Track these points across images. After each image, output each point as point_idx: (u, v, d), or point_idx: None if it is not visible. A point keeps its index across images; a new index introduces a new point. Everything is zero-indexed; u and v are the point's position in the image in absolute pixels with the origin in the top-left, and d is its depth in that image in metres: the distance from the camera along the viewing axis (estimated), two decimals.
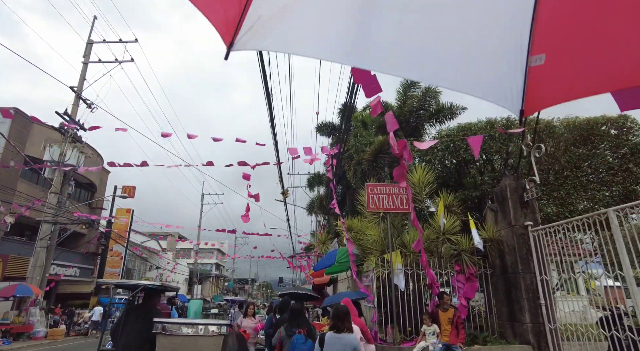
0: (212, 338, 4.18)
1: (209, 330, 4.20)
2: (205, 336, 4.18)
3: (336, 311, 3.97)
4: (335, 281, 13.97)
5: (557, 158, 8.05)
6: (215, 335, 4.20)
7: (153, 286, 4.53)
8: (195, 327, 4.17)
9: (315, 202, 18.97)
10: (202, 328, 4.20)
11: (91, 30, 23.24)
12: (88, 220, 20.36)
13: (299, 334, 4.56)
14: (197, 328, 4.19)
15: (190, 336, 4.15)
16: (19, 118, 23.12)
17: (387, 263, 7.58)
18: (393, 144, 4.82)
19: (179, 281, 45.66)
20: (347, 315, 3.94)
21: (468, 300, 7.40)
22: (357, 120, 14.00)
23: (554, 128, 8.18)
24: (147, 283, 4.47)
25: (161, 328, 4.10)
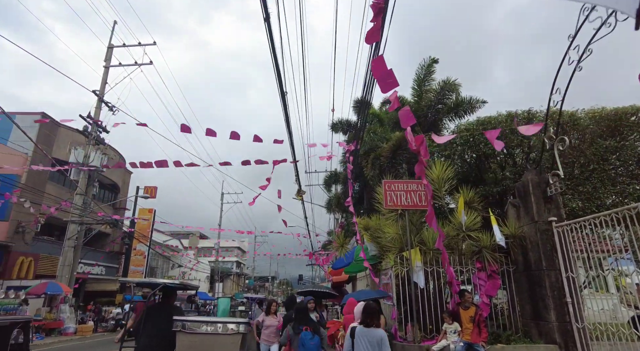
0: (230, 336, 4.22)
1: (228, 328, 4.23)
2: (224, 334, 4.21)
3: (367, 309, 4.24)
4: (354, 278, 13.94)
5: (582, 151, 7.74)
6: (234, 333, 4.23)
7: (172, 285, 4.61)
8: (214, 325, 4.21)
9: (333, 200, 18.93)
10: (221, 326, 4.24)
11: (111, 35, 23.82)
12: (112, 220, 20.95)
13: (306, 331, 4.88)
14: (216, 326, 4.23)
15: (210, 334, 4.19)
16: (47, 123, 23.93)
17: (406, 260, 7.48)
18: (410, 140, 4.72)
19: (201, 279, 46.52)
20: (376, 313, 4.20)
21: (490, 298, 7.22)
22: (373, 117, 13.86)
23: (579, 120, 7.87)
24: (167, 282, 4.55)
25: (181, 326, 4.16)
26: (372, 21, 4.35)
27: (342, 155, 16.85)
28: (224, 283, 50.37)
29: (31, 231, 21.21)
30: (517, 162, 8.57)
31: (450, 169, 7.84)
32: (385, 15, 5.05)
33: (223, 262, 53.85)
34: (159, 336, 4.27)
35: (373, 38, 4.50)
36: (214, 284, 44.48)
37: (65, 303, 18.88)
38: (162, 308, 4.82)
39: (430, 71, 10.60)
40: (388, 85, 4.09)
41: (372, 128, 13.40)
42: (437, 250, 7.47)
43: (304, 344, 4.76)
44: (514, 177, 8.10)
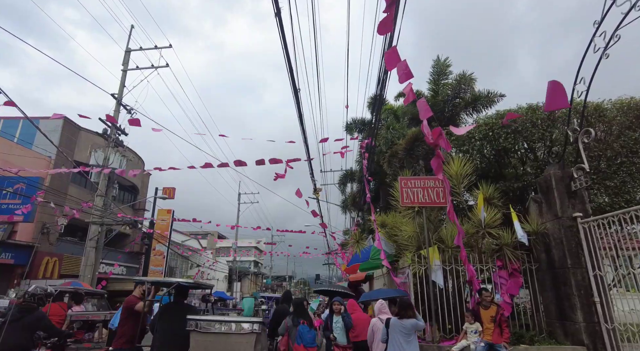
0: (244, 336, 4.16)
1: (242, 328, 4.17)
2: (238, 333, 4.16)
3: (401, 302, 5.10)
4: (371, 278, 13.78)
5: (609, 144, 7.39)
6: (248, 333, 4.17)
7: (186, 284, 4.58)
8: (228, 325, 4.16)
9: (348, 199, 18.79)
10: (235, 326, 4.18)
11: (129, 39, 24.25)
12: (131, 221, 21.35)
13: (303, 324, 5.42)
14: (230, 326, 4.17)
15: (223, 334, 4.14)
16: (67, 126, 24.62)
17: (424, 259, 7.31)
18: (427, 133, 4.55)
19: (219, 278, 47.05)
20: (410, 306, 4.99)
21: (512, 297, 6.98)
22: (388, 113, 13.66)
23: (605, 111, 7.51)
24: (181, 281, 4.53)
25: (195, 325, 4.12)
26: (384, 11, 4.22)
27: (358, 154, 16.71)
28: (241, 283, 50.83)
29: (55, 232, 21.84)
30: (539, 156, 8.27)
31: (469, 165, 7.62)
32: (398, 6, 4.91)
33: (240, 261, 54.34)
34: (173, 336, 4.25)
35: (386, 29, 4.37)
36: (232, 284, 44.88)
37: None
38: (176, 307, 4.81)
39: (447, 65, 10.33)
40: (403, 76, 3.97)
41: (388, 124, 13.21)
42: (456, 248, 7.28)
43: (302, 336, 5.27)
44: (535, 172, 7.81)
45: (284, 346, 5.64)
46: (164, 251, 31.19)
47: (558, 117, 7.92)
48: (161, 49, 24.42)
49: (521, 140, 7.80)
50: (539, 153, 8.18)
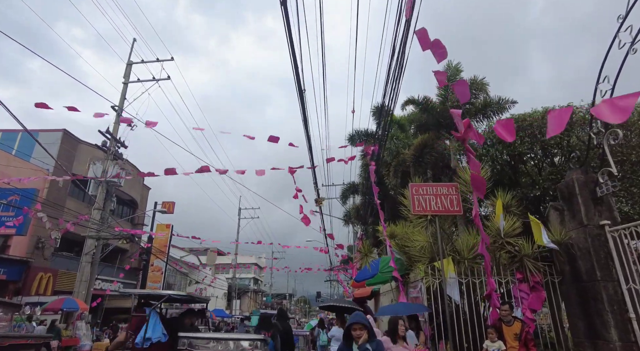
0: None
1: (242, 346, 3.66)
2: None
3: None
4: (377, 294, 13.13)
5: (632, 148, 6.98)
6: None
7: (178, 296, 4.09)
8: (225, 343, 3.65)
9: (351, 212, 18.27)
10: (233, 345, 3.67)
11: (131, 51, 24.23)
12: (128, 235, 20.78)
13: (265, 335, 5.52)
14: (227, 345, 3.66)
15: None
16: (66, 138, 24.37)
17: (438, 271, 6.79)
18: (457, 123, 4.10)
19: (218, 296, 45.96)
20: None
21: (534, 312, 6.43)
22: (393, 123, 13.32)
23: None
24: (172, 293, 4.05)
25: (187, 343, 3.61)
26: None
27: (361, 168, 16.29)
28: (241, 300, 49.66)
29: (50, 247, 21.26)
30: (556, 162, 7.85)
31: (484, 170, 7.18)
32: None
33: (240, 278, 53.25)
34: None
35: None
36: (232, 301, 43.80)
37: (82, 320, 18.59)
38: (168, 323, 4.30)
39: (458, 70, 10.02)
40: (439, 56, 3.64)
41: (393, 134, 12.84)
42: (472, 260, 6.78)
43: None
44: (555, 177, 7.37)
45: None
46: (162, 267, 30.44)
47: (575, 122, 7.53)
48: (163, 61, 24.36)
49: (537, 145, 7.39)
50: (556, 159, 7.77)
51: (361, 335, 3.42)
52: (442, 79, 4.16)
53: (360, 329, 3.45)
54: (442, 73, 4.15)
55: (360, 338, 3.40)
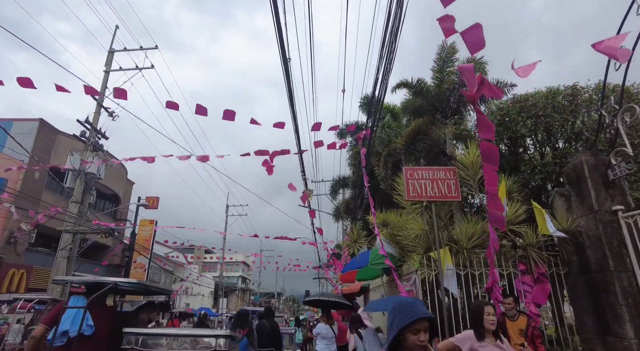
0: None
1: (201, 344, 2.99)
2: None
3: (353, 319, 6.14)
4: (366, 290, 12.53)
5: None
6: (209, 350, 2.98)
7: (127, 284, 3.38)
8: (181, 340, 2.97)
9: (341, 206, 17.65)
10: (190, 342, 2.99)
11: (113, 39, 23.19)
12: (107, 229, 19.84)
13: (239, 333, 5.67)
14: (183, 342, 2.98)
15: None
16: (43, 129, 23.28)
17: (434, 262, 6.20)
18: (468, 79, 3.42)
19: (205, 294, 45.01)
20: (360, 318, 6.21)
21: (538, 307, 5.87)
22: (386, 111, 12.73)
23: (636, 95, 6.64)
24: (118, 280, 3.35)
25: (134, 341, 2.91)
26: None
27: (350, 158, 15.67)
28: (228, 299, 48.75)
29: (24, 242, 20.19)
30: (558, 147, 7.32)
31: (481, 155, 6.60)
32: None
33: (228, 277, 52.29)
34: None
35: None
36: (218, 300, 42.89)
37: None
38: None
39: (453, 50, 9.43)
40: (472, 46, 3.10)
41: (385, 123, 12.24)
42: (471, 249, 6.19)
43: None
44: (560, 161, 6.84)
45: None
46: (145, 263, 29.45)
47: (581, 104, 7.00)
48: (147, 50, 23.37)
49: (542, 126, 6.84)
50: (560, 141, 7.24)
51: None
52: (448, 27, 3.50)
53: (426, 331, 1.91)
54: (449, 19, 3.47)
55: None
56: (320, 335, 6.79)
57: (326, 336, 6.74)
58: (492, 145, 3.93)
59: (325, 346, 6.71)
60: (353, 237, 7.61)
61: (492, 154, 3.93)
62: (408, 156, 8.81)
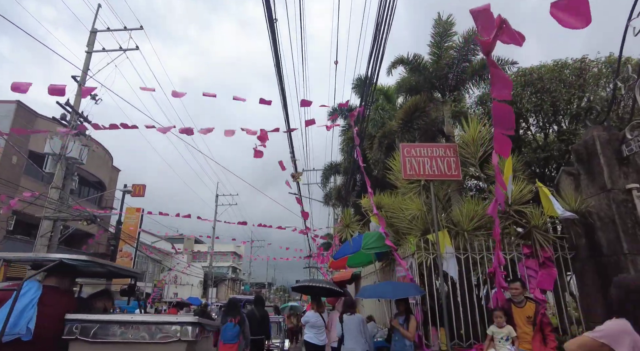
0: (166, 347, 2.43)
1: (162, 334, 2.45)
2: (155, 343, 2.43)
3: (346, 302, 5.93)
4: (357, 278, 12.11)
5: None
6: (173, 341, 2.45)
7: (76, 261, 2.84)
8: (136, 329, 2.43)
9: (332, 193, 17.17)
10: (149, 331, 2.45)
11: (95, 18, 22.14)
12: (90, 216, 19.10)
13: (230, 322, 6.09)
14: (140, 331, 2.44)
15: (130, 344, 2.40)
16: (21, 111, 22.28)
17: (432, 246, 5.74)
18: (482, 22, 2.87)
19: (194, 284, 44.51)
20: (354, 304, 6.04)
21: (544, 293, 5.46)
22: (378, 93, 12.20)
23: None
24: (65, 257, 2.80)
25: (79, 330, 2.37)
26: None
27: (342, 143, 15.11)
28: (218, 289, 48.33)
29: (2, 229, 19.38)
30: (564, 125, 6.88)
31: (487, 128, 6.13)
32: None
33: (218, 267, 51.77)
34: None
35: None
36: (207, 289, 42.43)
37: None
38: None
39: (450, 24, 8.84)
40: None
41: (379, 105, 11.70)
42: (472, 232, 5.75)
43: (224, 333, 6.02)
44: (567, 138, 6.40)
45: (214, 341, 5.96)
46: (131, 252, 28.76)
47: (589, 78, 6.54)
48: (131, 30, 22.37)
49: (547, 102, 6.38)
50: (566, 119, 6.80)
51: None
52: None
53: None
54: None
55: None
56: (309, 323, 6.33)
57: (315, 324, 6.28)
58: (506, 105, 3.41)
59: (314, 335, 6.25)
60: (345, 222, 7.12)
61: (506, 115, 3.41)
62: (404, 136, 8.32)
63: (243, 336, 6.23)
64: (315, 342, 6.23)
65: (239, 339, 6.05)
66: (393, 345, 5.05)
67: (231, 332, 6.02)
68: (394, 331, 5.10)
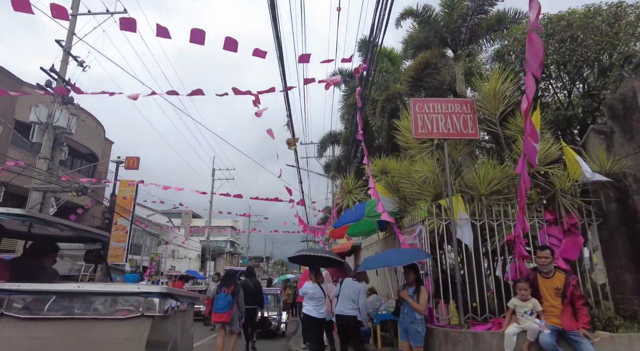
0: (125, 324, 1.84)
1: (119, 307, 1.86)
2: (110, 319, 1.84)
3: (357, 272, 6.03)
4: (357, 249, 11.68)
5: None
6: (134, 317, 1.86)
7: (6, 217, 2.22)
8: (90, 301, 1.83)
9: (332, 163, 16.53)
10: (109, 302, 1.86)
11: None
12: (81, 187, 18.49)
13: (223, 292, 6.36)
14: (94, 303, 1.84)
15: (76, 321, 1.81)
16: (5, 79, 21.20)
17: (445, 211, 5.18)
18: None
19: (192, 257, 44.56)
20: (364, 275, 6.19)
21: (569, 263, 4.94)
22: (383, 56, 11.37)
23: None
24: None
25: (5, 303, 1.77)
26: None
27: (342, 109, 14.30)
28: (216, 262, 48.53)
29: None
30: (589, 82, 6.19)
31: (509, 82, 5.43)
32: None
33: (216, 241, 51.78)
34: None
35: None
36: (205, 263, 42.52)
37: None
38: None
39: None
40: None
41: (383, 67, 10.89)
42: (490, 196, 5.17)
43: (217, 301, 6.38)
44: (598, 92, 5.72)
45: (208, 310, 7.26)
46: (126, 225, 28.36)
47: (626, 26, 5.80)
48: None
49: (578, 50, 5.65)
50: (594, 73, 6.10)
51: None
52: None
53: None
54: None
55: None
56: (307, 295, 5.84)
57: (314, 296, 5.79)
58: (538, 37, 2.90)
59: (314, 307, 5.78)
60: (347, 188, 6.53)
61: (537, 50, 2.88)
62: (413, 94, 7.59)
63: (237, 306, 6.47)
64: (314, 315, 5.77)
65: (230, 309, 6.29)
66: (402, 318, 4.56)
67: (222, 302, 6.30)
68: (403, 304, 4.60)
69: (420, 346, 4.38)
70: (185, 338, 2.44)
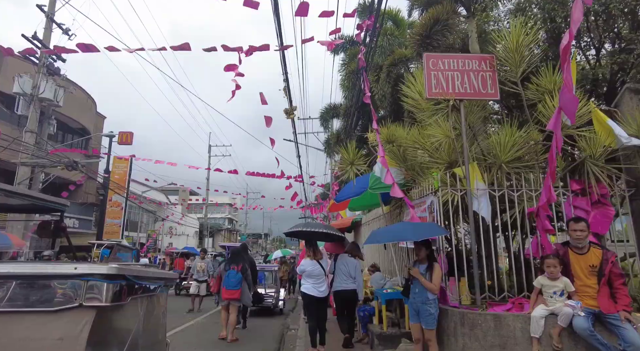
0: (55, 320, 1.27)
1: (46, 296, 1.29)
2: (37, 311, 1.26)
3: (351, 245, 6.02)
4: (357, 224, 11.23)
5: None
6: (70, 308, 1.29)
7: None
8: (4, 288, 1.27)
9: (332, 137, 15.88)
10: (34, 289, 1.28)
11: None
12: (71, 162, 17.85)
13: (233, 270, 6.71)
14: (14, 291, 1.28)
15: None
16: None
17: (460, 181, 4.65)
18: None
19: (189, 234, 44.42)
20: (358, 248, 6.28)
21: (598, 238, 4.46)
22: (387, 18, 10.57)
23: None
24: None
25: None
26: None
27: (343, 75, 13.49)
28: (214, 239, 48.53)
29: None
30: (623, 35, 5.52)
31: (532, 35, 4.78)
32: None
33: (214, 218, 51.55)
34: None
35: None
36: (203, 240, 42.45)
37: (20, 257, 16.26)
38: None
39: None
40: None
41: (387, 29, 10.13)
42: (510, 163, 4.62)
43: (228, 280, 6.62)
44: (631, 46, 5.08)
45: (216, 287, 7.14)
46: (121, 202, 27.91)
47: None
48: None
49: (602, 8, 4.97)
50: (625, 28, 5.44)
51: None
52: None
53: None
54: None
55: None
56: (305, 272, 5.39)
57: (312, 273, 5.34)
58: None
59: (312, 286, 5.34)
60: (349, 158, 5.96)
61: None
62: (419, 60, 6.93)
63: (246, 281, 6.79)
64: (313, 294, 5.33)
65: (241, 286, 6.59)
66: (412, 298, 4.10)
67: (234, 279, 6.57)
68: (413, 282, 4.13)
69: (432, 330, 3.93)
70: (153, 330, 1.94)
